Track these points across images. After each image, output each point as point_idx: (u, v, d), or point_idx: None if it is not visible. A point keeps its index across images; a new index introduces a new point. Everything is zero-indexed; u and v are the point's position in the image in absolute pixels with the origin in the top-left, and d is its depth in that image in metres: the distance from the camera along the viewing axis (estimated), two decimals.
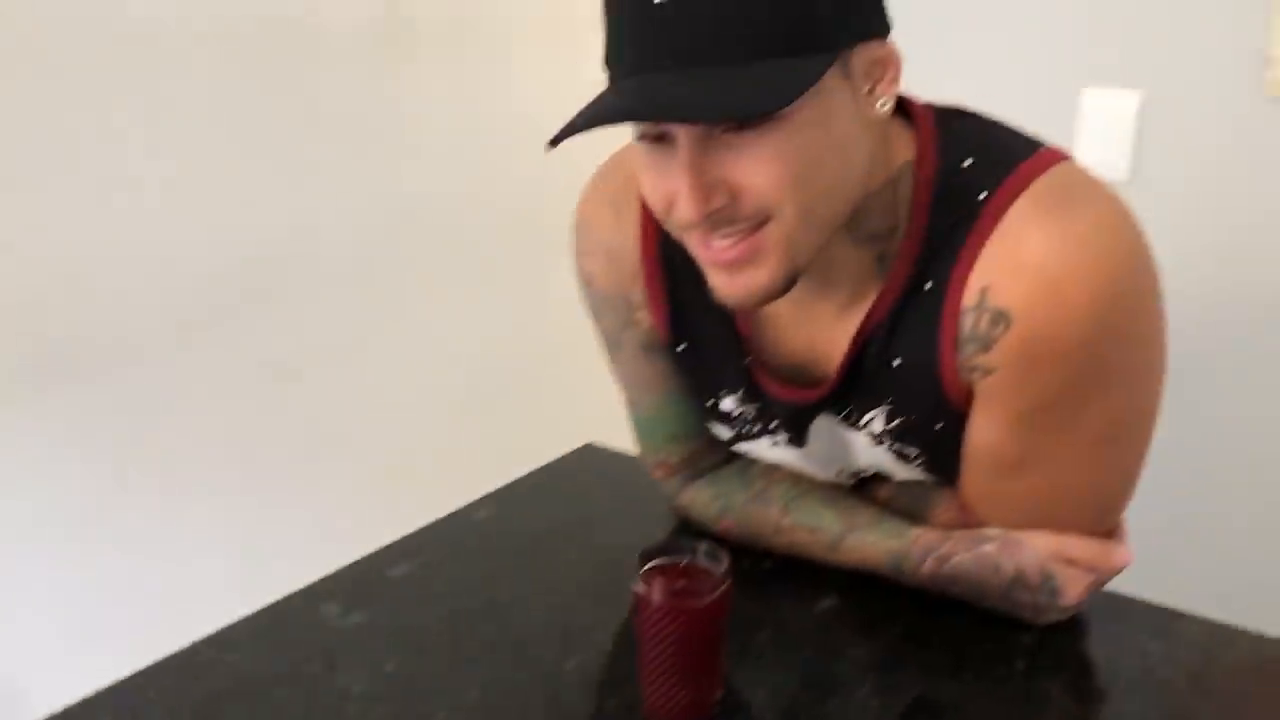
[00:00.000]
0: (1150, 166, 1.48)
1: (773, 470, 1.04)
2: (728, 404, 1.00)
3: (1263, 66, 1.40)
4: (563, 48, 2.52)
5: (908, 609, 0.94)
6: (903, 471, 0.97)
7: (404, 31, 2.13)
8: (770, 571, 1.00)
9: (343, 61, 2.03)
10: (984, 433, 0.88)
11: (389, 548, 1.06)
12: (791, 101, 0.71)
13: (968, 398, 0.87)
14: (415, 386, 2.32)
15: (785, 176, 0.76)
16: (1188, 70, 1.46)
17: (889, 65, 0.79)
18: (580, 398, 2.74)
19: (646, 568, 0.81)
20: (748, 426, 1.01)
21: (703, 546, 0.83)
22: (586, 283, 1.04)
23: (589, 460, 1.27)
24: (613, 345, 1.05)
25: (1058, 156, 0.84)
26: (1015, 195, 0.81)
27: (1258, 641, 0.91)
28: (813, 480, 1.02)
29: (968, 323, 0.83)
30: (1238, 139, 1.45)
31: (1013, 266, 0.80)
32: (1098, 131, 1.51)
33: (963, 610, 0.93)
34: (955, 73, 1.19)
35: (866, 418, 0.93)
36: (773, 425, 0.99)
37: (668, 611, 0.79)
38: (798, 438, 0.98)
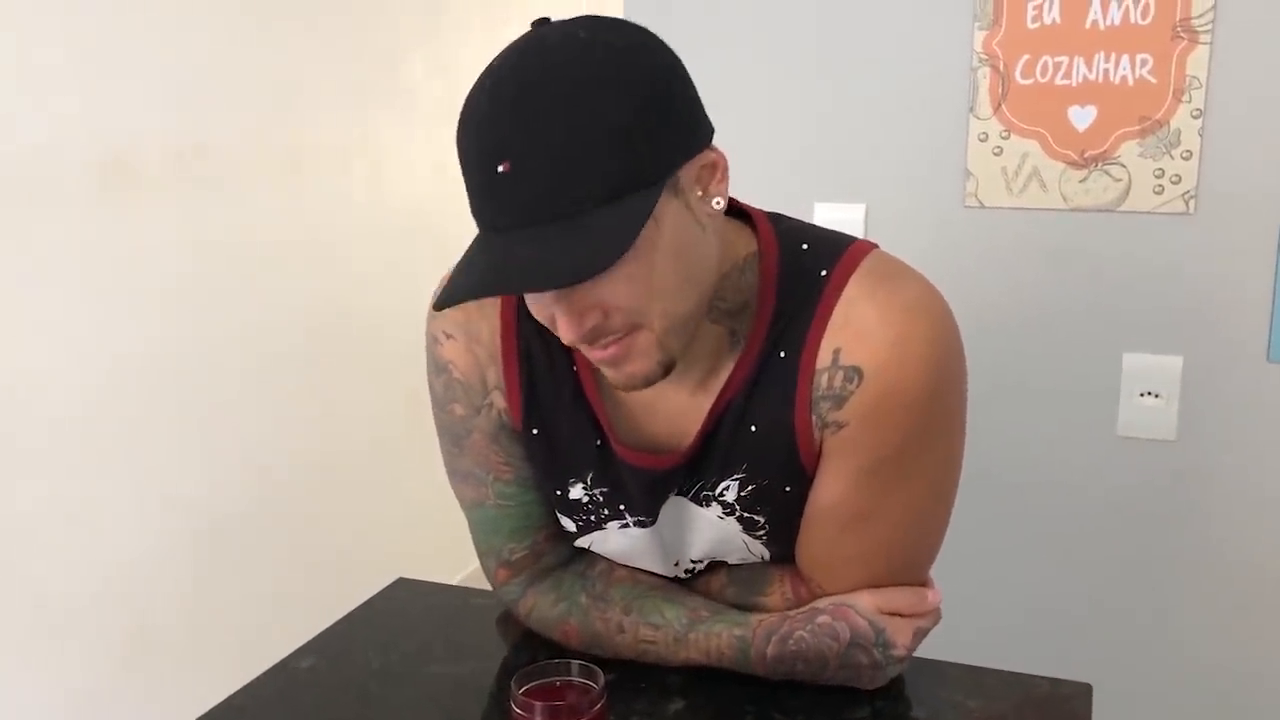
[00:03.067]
0: None
1: (612, 570, 1.07)
2: (576, 492, 1.03)
3: (963, 180, 1.61)
4: (294, 177, 2.51)
5: (751, 700, 0.99)
6: (742, 548, 1.02)
7: (119, 166, 2.05)
8: (615, 682, 1.01)
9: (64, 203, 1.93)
10: (829, 489, 0.96)
11: (216, 710, 0.99)
12: (621, 255, 0.79)
13: (817, 457, 0.95)
14: (151, 544, 2.18)
15: (644, 293, 0.84)
16: (902, 185, 1.65)
17: (716, 168, 0.88)
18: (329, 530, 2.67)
19: (523, 690, 0.82)
20: (597, 512, 1.03)
21: (576, 664, 0.84)
22: (441, 369, 1.05)
23: (404, 594, 1.24)
24: (461, 435, 1.06)
25: (872, 244, 0.97)
26: (850, 271, 0.93)
27: (1055, 683, 1.03)
28: (651, 580, 1.06)
29: (822, 382, 0.92)
30: (944, 241, 1.64)
31: (860, 329, 0.91)
32: None
33: (802, 692, 0.99)
34: None
35: (720, 487, 0.98)
36: (622, 507, 1.02)
37: None
38: (650, 515, 1.01)
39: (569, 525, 1.06)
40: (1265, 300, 1.51)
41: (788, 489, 0.97)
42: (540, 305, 0.87)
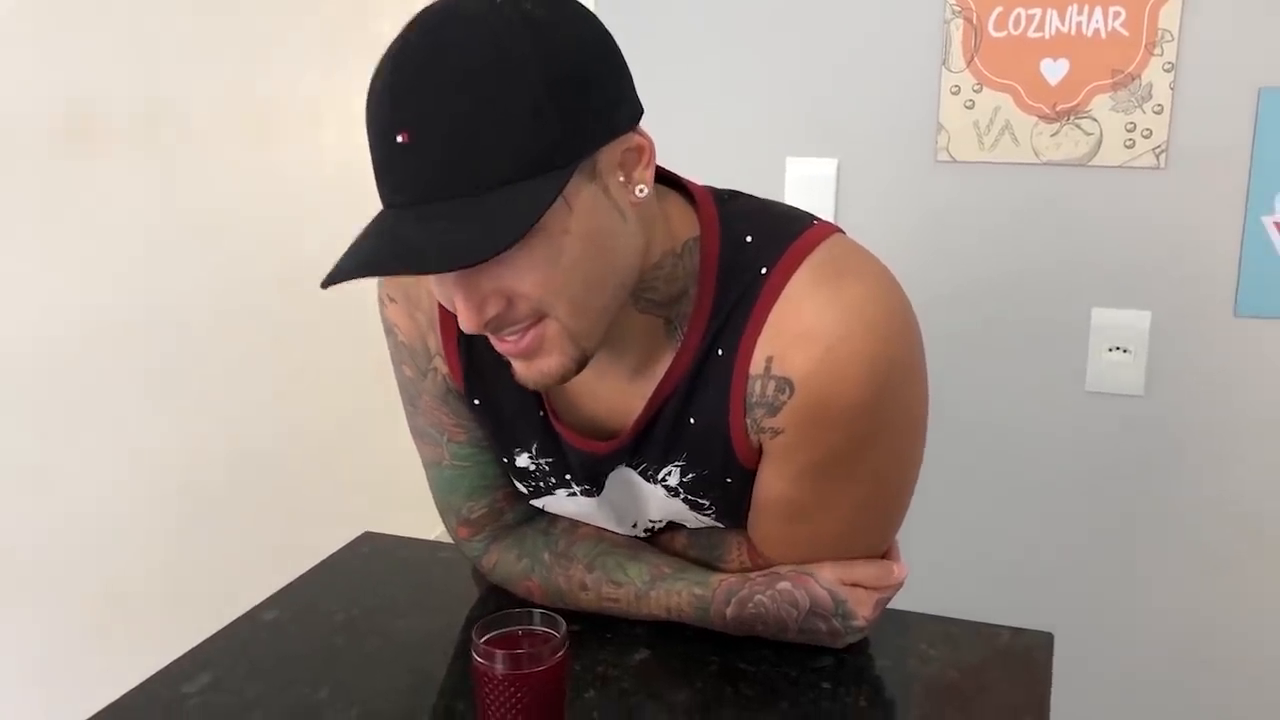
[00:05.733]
0: (848, 220, 1.64)
1: (575, 528, 1.06)
2: (523, 461, 1.02)
3: (935, 134, 1.60)
4: (263, 137, 2.47)
5: (715, 651, 0.99)
6: (695, 520, 1.03)
7: (87, 128, 2.01)
8: (581, 634, 1.01)
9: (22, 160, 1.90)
10: (772, 486, 0.94)
11: (179, 661, 0.99)
12: (515, 240, 0.73)
13: (756, 456, 0.94)
14: (121, 505, 2.17)
15: (549, 281, 0.79)
16: (874, 139, 1.64)
17: (641, 153, 0.83)
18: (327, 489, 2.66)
19: (484, 639, 0.82)
20: (544, 480, 1.03)
21: (537, 613, 0.84)
22: (389, 331, 1.05)
23: (369, 549, 1.24)
24: (414, 395, 1.05)
25: (829, 230, 0.92)
26: (792, 270, 0.87)
27: (1016, 632, 1.03)
28: (615, 537, 1.06)
29: (756, 389, 0.89)
30: (916, 196, 1.64)
31: (792, 337, 0.86)
32: (802, 192, 1.66)
33: (766, 645, 0.99)
34: (680, 146, 1.28)
35: (664, 473, 0.98)
36: (568, 476, 1.01)
37: (512, 680, 0.80)
38: (594, 488, 1.01)
39: (521, 488, 1.06)
40: (1233, 255, 1.52)
41: (728, 480, 0.96)
42: (442, 288, 0.82)
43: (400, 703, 0.94)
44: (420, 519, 2.80)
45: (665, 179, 0.94)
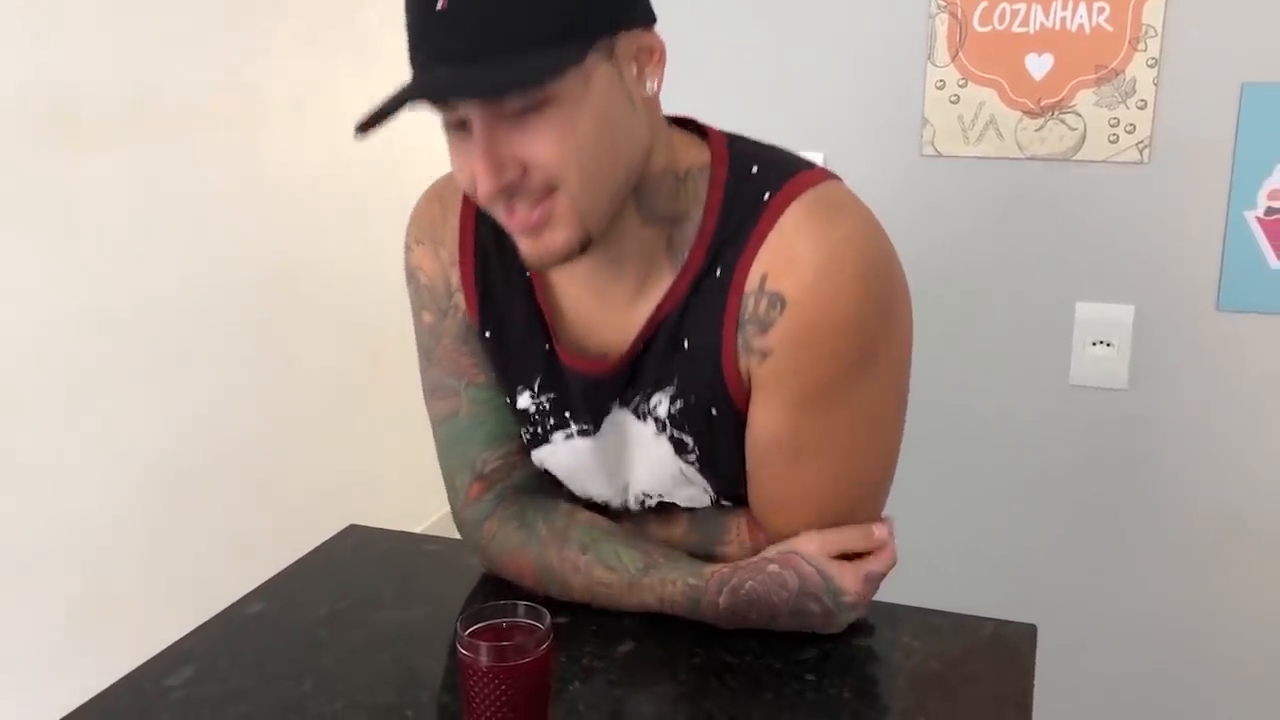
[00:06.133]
0: None
1: (575, 512, 1.07)
2: (524, 401, 1.05)
3: (921, 128, 1.61)
4: (248, 126, 2.46)
5: (700, 644, 1.00)
6: (679, 475, 1.03)
7: (71, 120, 2.00)
8: (567, 626, 1.02)
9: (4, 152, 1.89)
10: (764, 422, 0.96)
11: (162, 655, 0.99)
12: (541, 81, 0.81)
13: (742, 388, 0.96)
14: (104, 498, 2.16)
15: (563, 149, 0.84)
16: (859, 133, 1.64)
17: (654, 51, 0.89)
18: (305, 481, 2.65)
19: (469, 631, 0.82)
20: (543, 422, 1.05)
21: (522, 605, 0.84)
22: (411, 277, 1.08)
23: (354, 541, 1.24)
24: (431, 346, 1.08)
25: (828, 174, 0.96)
26: (792, 198, 0.92)
27: (1000, 624, 1.04)
28: (611, 524, 1.06)
29: (749, 305, 0.93)
30: (901, 190, 1.64)
31: (787, 257, 0.91)
32: None
33: (750, 637, 1.00)
34: None
35: (654, 401, 0.99)
36: (567, 414, 1.03)
37: (498, 672, 0.80)
38: (593, 426, 1.02)
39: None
40: (1215, 249, 1.52)
41: (713, 411, 0.98)
42: (467, 159, 0.86)
43: (385, 696, 0.94)
44: (405, 513, 2.80)
45: (677, 121, 1.00)
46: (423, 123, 1.03)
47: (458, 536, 1.13)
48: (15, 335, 1.92)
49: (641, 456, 1.04)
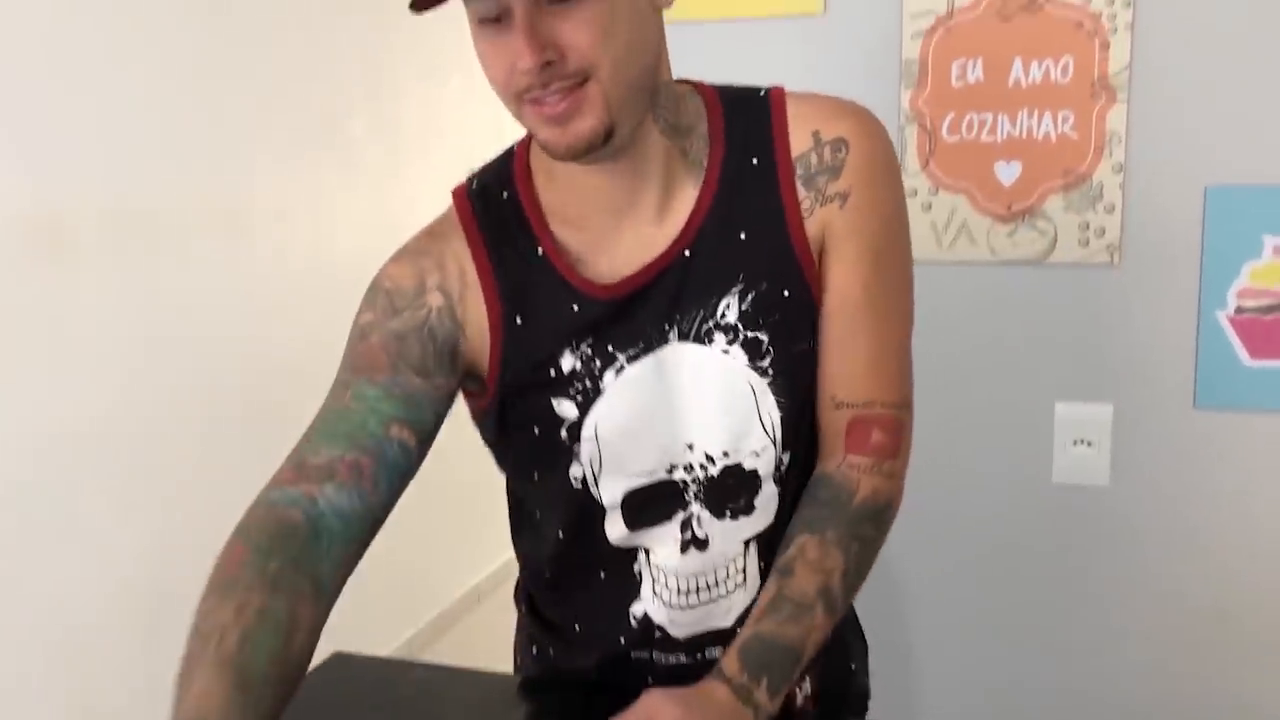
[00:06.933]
0: None
1: (261, 622, 0.84)
2: (567, 362, 0.99)
3: None
4: (233, 238, 2.49)
5: None
6: (751, 405, 1.00)
7: (57, 233, 2.03)
8: None
9: None
10: (845, 280, 1.00)
11: None
12: None
13: (813, 260, 0.99)
14: (91, 616, 2.14)
15: (599, 36, 0.88)
16: None
17: None
18: None
19: None
20: (591, 371, 0.99)
21: None
22: (373, 288, 1.02)
23: (341, 670, 1.23)
24: (356, 340, 1.01)
25: None
26: (784, 92, 1.02)
27: None
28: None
29: (812, 161, 0.99)
30: None
31: (828, 113, 1.00)
32: None
33: None
34: None
35: (721, 307, 0.98)
36: (611, 348, 0.99)
37: None
38: (644, 347, 0.99)
39: (570, 412, 1.00)
40: (1189, 348, 1.55)
41: (785, 293, 0.99)
42: (504, 49, 0.89)
43: None
44: (390, 627, 2.76)
45: None
46: (402, 233, 1.05)
47: (448, 661, 1.12)
48: (2, 449, 1.92)
49: (709, 390, 1.00)
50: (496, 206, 1.02)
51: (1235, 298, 1.52)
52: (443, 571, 3.46)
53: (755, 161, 0.99)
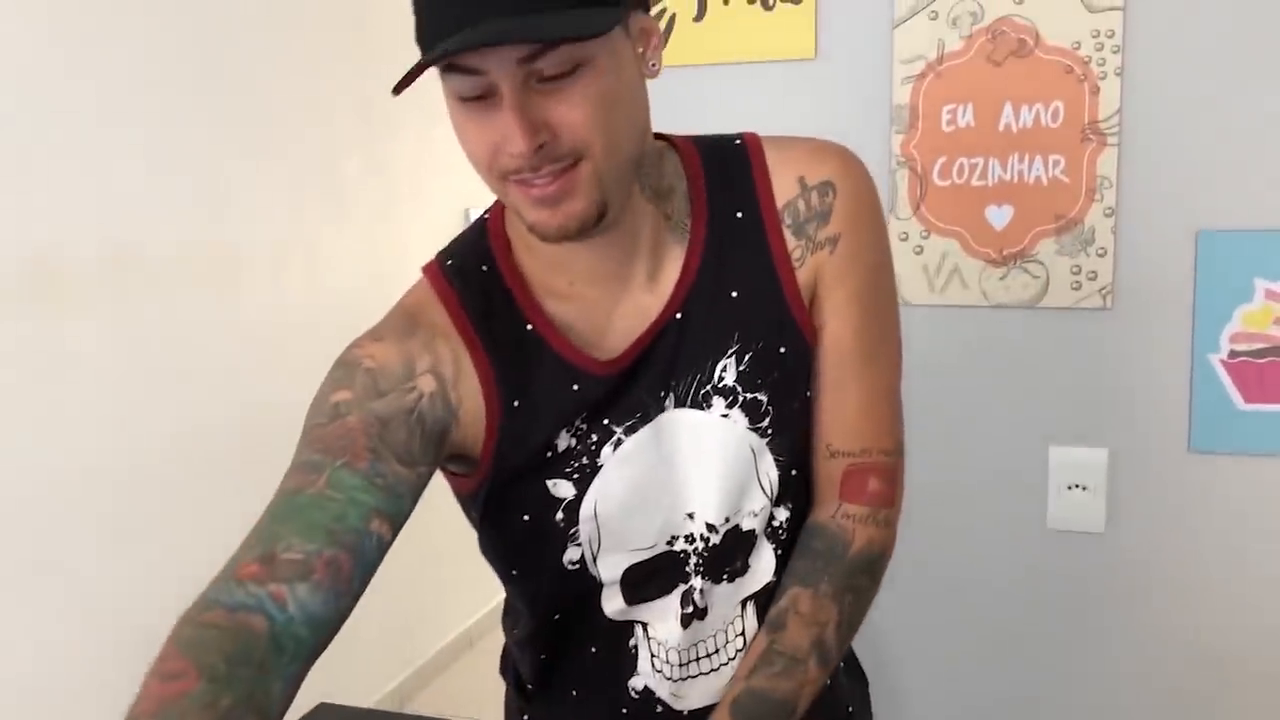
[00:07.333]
0: None
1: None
2: (564, 441, 0.96)
3: None
4: (226, 280, 2.49)
5: None
6: (749, 466, 0.98)
7: (51, 275, 2.02)
8: None
9: None
10: (837, 327, 0.99)
11: None
12: (599, 31, 0.81)
13: (806, 308, 0.98)
14: (75, 664, 2.11)
15: (593, 115, 0.85)
16: None
17: (654, 34, 0.93)
18: None
19: None
20: (587, 447, 0.96)
21: None
22: (352, 364, 0.93)
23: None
24: (326, 420, 0.90)
25: None
26: (758, 138, 1.00)
27: None
28: None
29: (800, 208, 0.97)
30: None
31: (808, 157, 0.98)
32: None
33: None
34: None
35: (719, 370, 0.96)
36: (607, 421, 0.96)
37: None
38: (640, 418, 0.96)
39: (568, 492, 0.97)
40: (1183, 391, 1.54)
41: (782, 350, 0.97)
42: (490, 128, 0.84)
43: None
44: (379, 674, 2.73)
45: None
46: (395, 274, 1.04)
47: (434, 710, 1.10)
48: None
49: (709, 457, 0.97)
50: (478, 281, 0.97)
51: (1228, 341, 1.52)
52: (430, 617, 3.42)
53: (740, 215, 0.97)
